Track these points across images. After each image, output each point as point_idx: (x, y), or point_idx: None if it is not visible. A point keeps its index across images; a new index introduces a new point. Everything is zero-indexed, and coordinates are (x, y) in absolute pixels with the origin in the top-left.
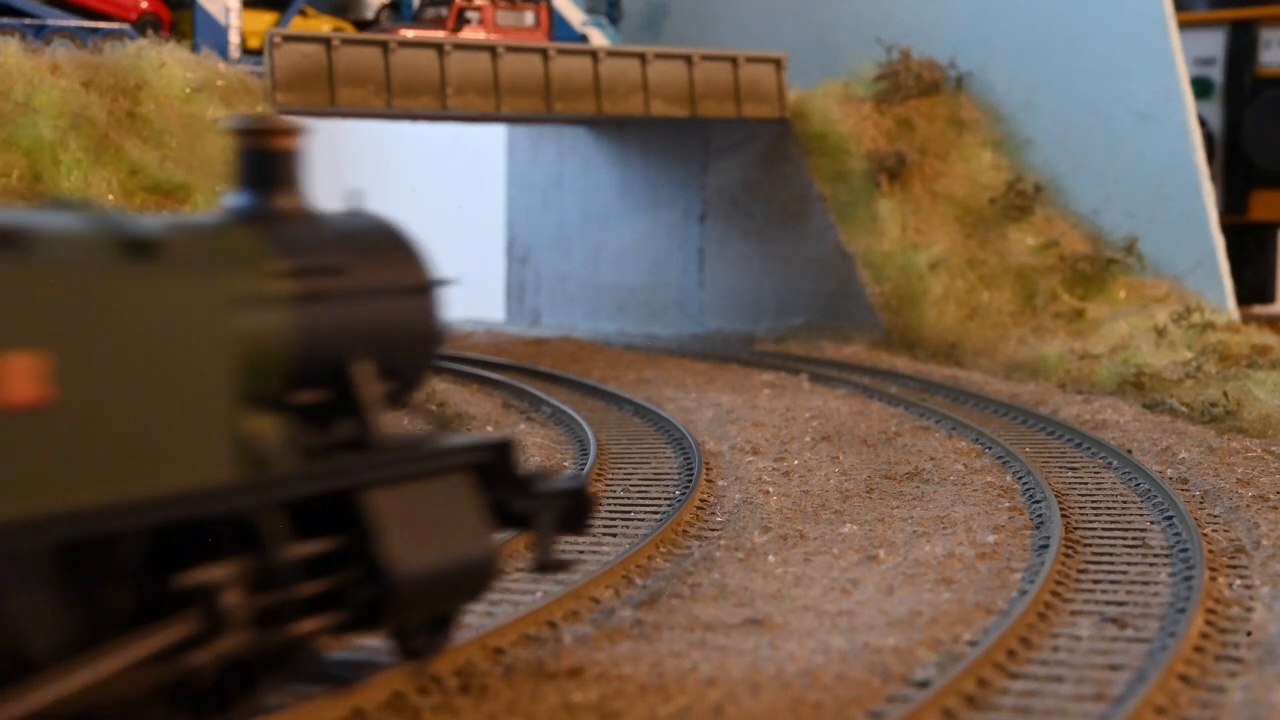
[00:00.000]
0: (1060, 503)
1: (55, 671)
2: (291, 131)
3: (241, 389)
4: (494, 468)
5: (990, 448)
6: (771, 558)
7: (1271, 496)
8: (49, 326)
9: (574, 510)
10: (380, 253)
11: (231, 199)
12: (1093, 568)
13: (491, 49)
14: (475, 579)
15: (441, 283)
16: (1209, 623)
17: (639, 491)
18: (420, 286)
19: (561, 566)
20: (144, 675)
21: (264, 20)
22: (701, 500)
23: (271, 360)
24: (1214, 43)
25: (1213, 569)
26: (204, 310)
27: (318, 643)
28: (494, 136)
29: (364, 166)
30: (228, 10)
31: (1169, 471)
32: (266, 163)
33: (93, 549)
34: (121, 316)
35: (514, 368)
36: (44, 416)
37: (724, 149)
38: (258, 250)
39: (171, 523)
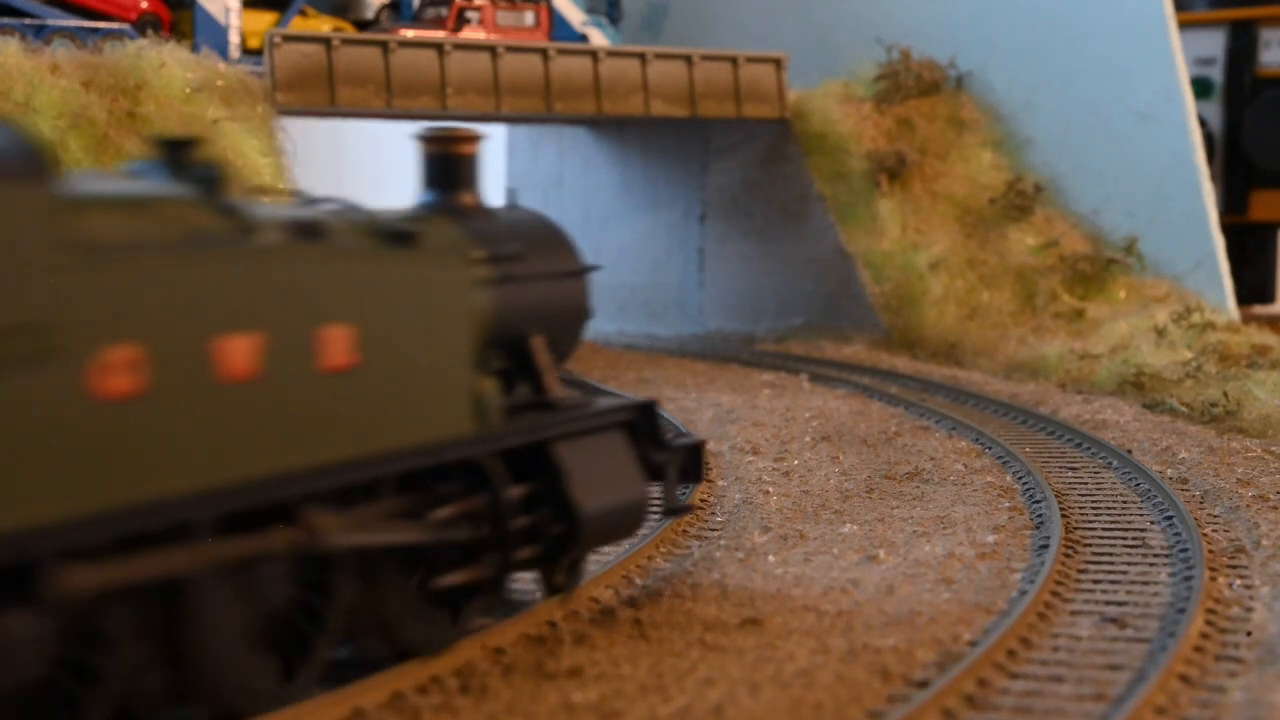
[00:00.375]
0: (1060, 503)
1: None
2: (472, 139)
3: (473, 356)
4: (640, 425)
5: (990, 448)
6: (771, 558)
7: (1271, 496)
8: (354, 303)
9: (693, 463)
10: (544, 242)
11: (421, 197)
12: (1093, 568)
13: (491, 49)
14: (633, 517)
15: (592, 268)
16: (1209, 623)
17: None
18: (577, 271)
19: (686, 510)
20: (402, 594)
21: (264, 20)
22: (701, 500)
23: (485, 332)
24: (1214, 43)
25: (1213, 569)
26: (452, 289)
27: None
28: (494, 136)
29: (363, 166)
30: (228, 10)
31: (1169, 471)
32: (451, 166)
33: (370, 488)
34: (397, 294)
35: None
36: (354, 377)
37: (724, 149)
38: (463, 240)
39: (437, 466)
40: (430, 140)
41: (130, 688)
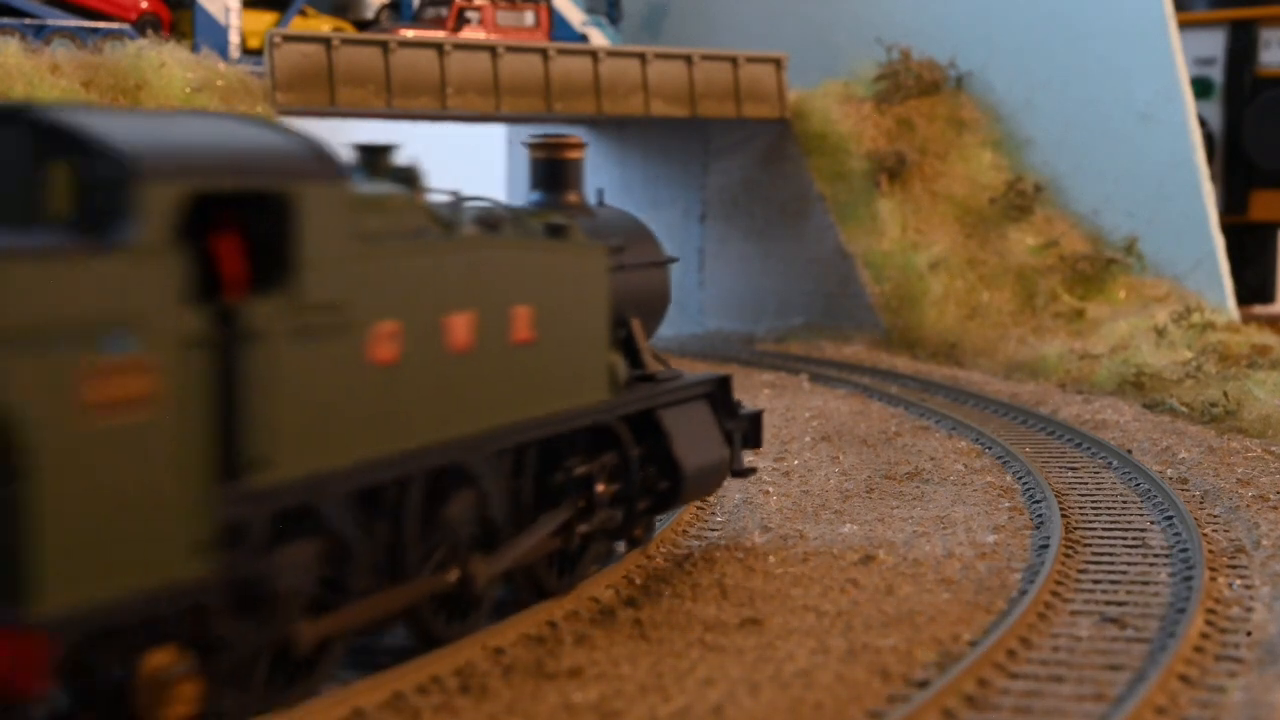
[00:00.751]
0: (1060, 503)
1: (507, 534)
2: (577, 146)
3: (608, 334)
4: (717, 396)
5: (990, 448)
6: (771, 558)
7: (1271, 496)
8: (532, 286)
9: (755, 430)
10: (636, 235)
11: (530, 196)
12: (1093, 568)
13: (491, 49)
14: (718, 476)
15: (672, 259)
16: (1209, 623)
17: None
18: (662, 262)
19: (751, 471)
20: (545, 544)
21: (264, 20)
22: (701, 500)
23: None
24: (1214, 43)
25: (1213, 569)
26: (594, 275)
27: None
28: (494, 136)
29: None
30: (228, 10)
31: (1169, 471)
32: (558, 170)
33: (525, 449)
34: (560, 279)
35: None
36: (533, 350)
37: (724, 149)
38: (579, 233)
39: (585, 429)
40: (539, 147)
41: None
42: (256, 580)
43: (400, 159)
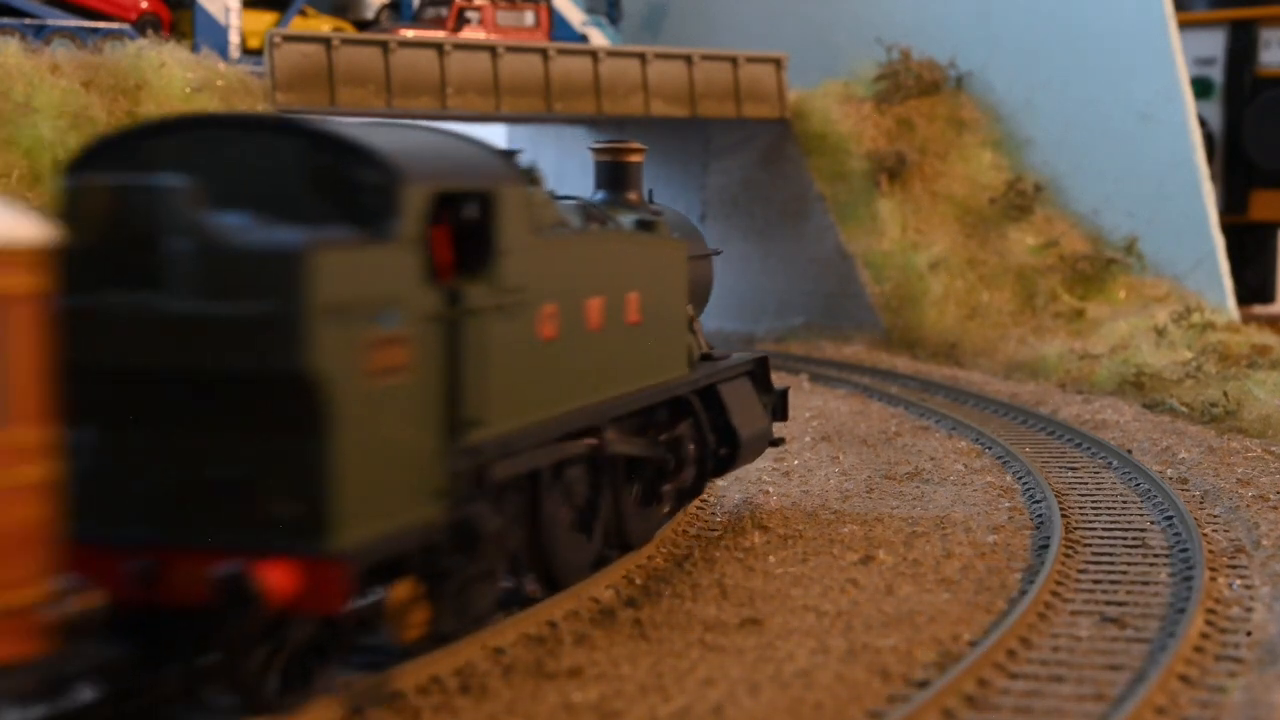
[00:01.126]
0: (1060, 503)
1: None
2: (638, 151)
3: (685, 317)
4: (758, 373)
5: (990, 448)
6: (771, 558)
7: (1271, 496)
8: (638, 274)
9: (782, 405)
10: (689, 230)
11: (595, 195)
12: (1093, 568)
13: (491, 49)
14: (762, 443)
15: (716, 252)
16: (1209, 623)
17: None
18: (708, 254)
19: (781, 442)
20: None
21: (264, 20)
22: (701, 500)
23: None
24: (1214, 43)
25: (1213, 569)
26: (677, 264)
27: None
28: (494, 137)
29: None
30: (228, 10)
31: (1169, 471)
32: (620, 171)
33: (643, 414)
34: (654, 268)
35: None
36: (639, 330)
37: (724, 149)
38: (665, 228)
39: (670, 400)
40: (603, 151)
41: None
42: (471, 522)
43: (523, 162)
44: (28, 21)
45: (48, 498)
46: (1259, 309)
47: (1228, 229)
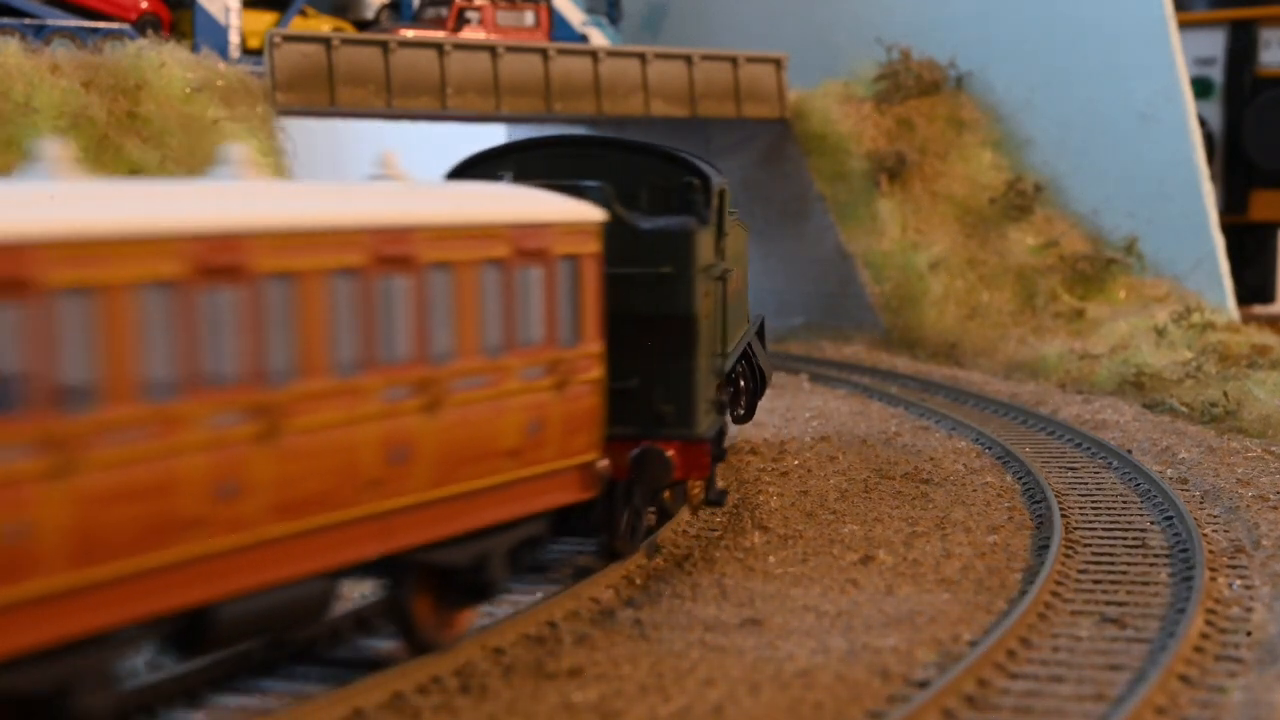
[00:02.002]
0: (1060, 503)
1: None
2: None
3: (748, 289)
4: (760, 329)
5: (990, 448)
6: (771, 558)
7: (1271, 496)
8: (733, 255)
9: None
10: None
11: None
12: (1093, 568)
13: (491, 49)
14: (767, 384)
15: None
16: (1209, 623)
17: None
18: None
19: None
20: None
21: (264, 20)
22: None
23: None
24: (1214, 43)
25: (1213, 569)
26: (745, 243)
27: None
28: (494, 137)
29: (362, 165)
30: (228, 10)
31: (1169, 471)
32: None
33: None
34: (740, 248)
35: None
36: (739, 297)
37: (724, 149)
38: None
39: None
40: None
41: None
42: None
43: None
44: (28, 21)
45: (602, 392)
46: (1259, 309)
47: (1228, 229)
